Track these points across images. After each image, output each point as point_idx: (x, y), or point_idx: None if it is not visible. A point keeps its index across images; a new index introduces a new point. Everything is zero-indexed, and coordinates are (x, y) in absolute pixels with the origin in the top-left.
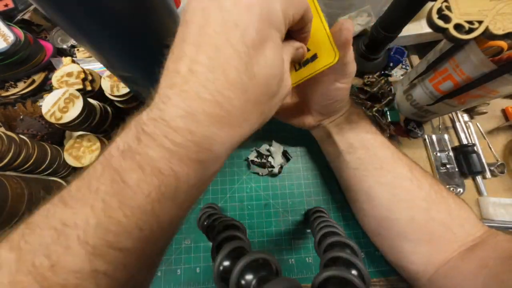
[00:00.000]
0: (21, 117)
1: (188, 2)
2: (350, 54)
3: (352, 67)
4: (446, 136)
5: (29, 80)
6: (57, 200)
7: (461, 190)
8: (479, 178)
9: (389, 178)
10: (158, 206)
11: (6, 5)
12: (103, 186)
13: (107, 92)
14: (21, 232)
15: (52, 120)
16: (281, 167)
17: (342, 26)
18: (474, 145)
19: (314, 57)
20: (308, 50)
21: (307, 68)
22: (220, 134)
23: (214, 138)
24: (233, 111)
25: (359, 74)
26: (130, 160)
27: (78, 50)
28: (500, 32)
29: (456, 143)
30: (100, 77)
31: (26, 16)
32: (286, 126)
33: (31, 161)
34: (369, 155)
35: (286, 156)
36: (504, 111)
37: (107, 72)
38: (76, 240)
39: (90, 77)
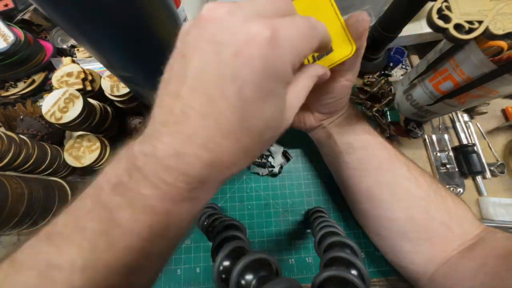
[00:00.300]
0: (21, 117)
1: (186, 29)
2: (363, 47)
3: (360, 62)
4: (446, 136)
5: (29, 80)
6: (43, 235)
7: (461, 190)
8: (479, 178)
9: (388, 177)
10: (149, 244)
11: (6, 5)
12: (92, 224)
13: (107, 92)
14: (5, 272)
15: (52, 120)
16: (281, 167)
17: (359, 17)
18: (474, 145)
19: (329, 49)
20: None
21: (322, 61)
22: (210, 175)
23: (205, 179)
24: (224, 158)
25: (359, 74)
26: (121, 196)
27: (78, 50)
28: (500, 32)
29: (456, 143)
30: (100, 77)
31: (26, 16)
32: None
33: (31, 161)
34: (368, 155)
35: (286, 156)
36: (504, 111)
37: (107, 72)
38: (62, 283)
39: (90, 77)
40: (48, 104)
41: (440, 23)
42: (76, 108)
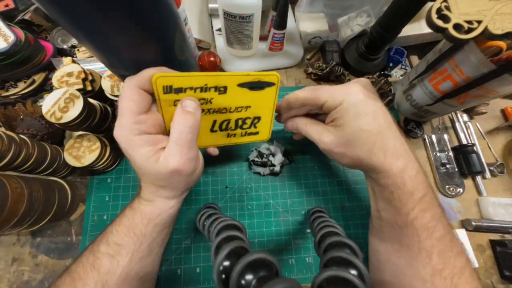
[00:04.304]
0: (21, 117)
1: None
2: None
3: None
4: (445, 136)
5: (29, 80)
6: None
7: (461, 190)
8: (478, 178)
9: (401, 262)
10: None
11: (6, 5)
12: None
13: (107, 92)
14: None
15: (52, 120)
16: (282, 165)
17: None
18: (473, 145)
19: (256, 132)
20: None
21: (246, 137)
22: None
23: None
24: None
25: (359, 74)
26: (133, 210)
27: (78, 50)
28: (499, 32)
29: (456, 143)
30: (100, 77)
31: (27, 16)
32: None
33: (31, 161)
34: (393, 234)
35: (287, 156)
36: (503, 111)
37: (108, 72)
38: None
39: (90, 77)
40: (48, 104)
41: (440, 23)
42: (76, 108)
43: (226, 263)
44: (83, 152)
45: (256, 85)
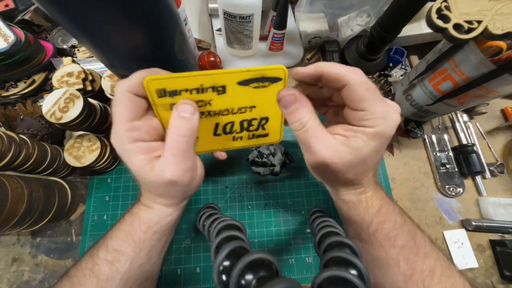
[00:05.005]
0: (21, 117)
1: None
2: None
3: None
4: (445, 136)
5: (29, 80)
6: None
7: (461, 190)
8: (478, 178)
9: (377, 272)
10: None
11: (6, 6)
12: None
13: (107, 92)
14: None
15: (52, 120)
16: (282, 165)
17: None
18: (473, 145)
19: (265, 134)
20: (264, 126)
21: (255, 140)
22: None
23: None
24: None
25: None
26: (133, 215)
27: (78, 50)
28: (499, 32)
29: (456, 143)
30: (101, 77)
31: (27, 17)
32: (286, 127)
33: (31, 161)
34: (362, 247)
35: (287, 156)
36: (503, 111)
37: (107, 72)
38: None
39: (90, 77)
40: (49, 104)
41: (440, 23)
42: (76, 108)
43: (226, 263)
44: (83, 152)
45: (259, 82)
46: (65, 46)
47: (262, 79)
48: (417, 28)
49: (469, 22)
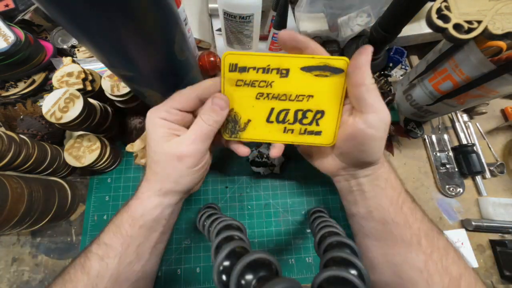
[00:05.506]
0: (21, 117)
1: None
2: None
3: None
4: (445, 136)
5: (29, 80)
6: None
7: (461, 190)
8: (478, 178)
9: (397, 259)
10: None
11: (6, 6)
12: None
13: (107, 92)
14: None
15: (52, 120)
16: (282, 165)
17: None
18: (473, 145)
19: (318, 132)
20: (318, 121)
21: (304, 137)
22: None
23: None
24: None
25: None
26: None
27: (78, 50)
28: (499, 32)
29: (456, 143)
30: (101, 77)
31: (27, 17)
32: None
33: (31, 161)
34: (385, 231)
35: (287, 156)
36: (503, 111)
37: (108, 72)
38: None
39: (90, 77)
40: (49, 104)
41: (440, 23)
42: (76, 108)
43: (226, 263)
44: (83, 152)
45: (321, 71)
46: (65, 46)
47: (324, 68)
48: (417, 28)
49: (469, 22)
